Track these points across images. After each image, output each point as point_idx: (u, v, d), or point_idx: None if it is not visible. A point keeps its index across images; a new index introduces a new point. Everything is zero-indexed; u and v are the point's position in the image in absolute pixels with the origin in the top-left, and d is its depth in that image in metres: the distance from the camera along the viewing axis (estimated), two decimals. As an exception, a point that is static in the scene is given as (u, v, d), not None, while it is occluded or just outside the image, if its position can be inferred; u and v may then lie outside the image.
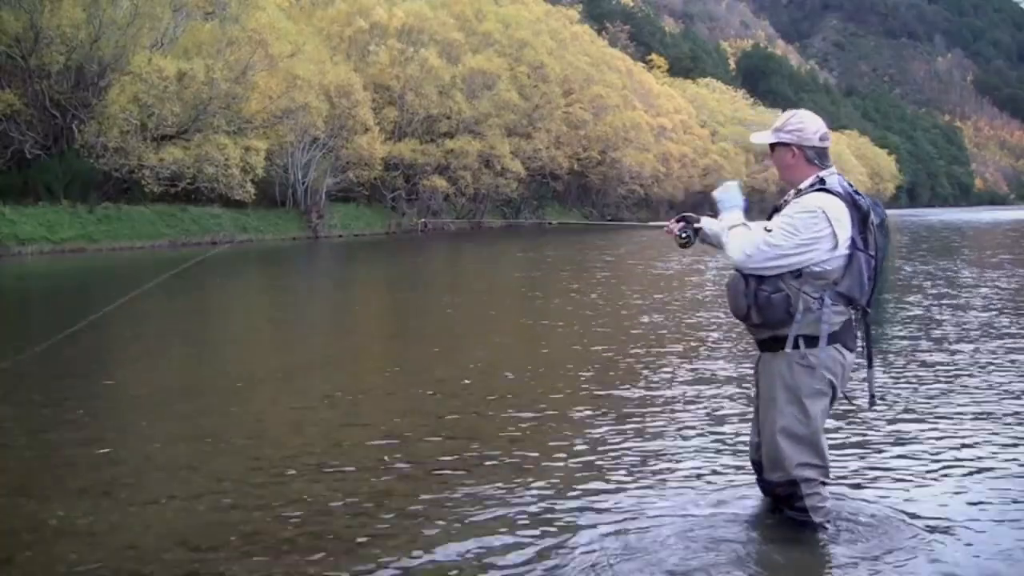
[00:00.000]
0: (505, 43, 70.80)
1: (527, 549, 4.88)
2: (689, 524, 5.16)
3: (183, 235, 42.75)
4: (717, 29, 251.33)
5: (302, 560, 4.81)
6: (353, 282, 26.05)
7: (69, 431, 7.67)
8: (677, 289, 19.53)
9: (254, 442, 7.32)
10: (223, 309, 19.39)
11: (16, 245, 34.59)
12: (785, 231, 4.77)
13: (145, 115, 39.91)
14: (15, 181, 38.15)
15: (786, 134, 5.07)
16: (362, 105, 53.24)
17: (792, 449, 4.88)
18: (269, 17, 47.67)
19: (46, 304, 19.87)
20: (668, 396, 8.66)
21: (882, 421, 7.25)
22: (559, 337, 13.18)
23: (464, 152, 61.51)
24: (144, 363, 11.87)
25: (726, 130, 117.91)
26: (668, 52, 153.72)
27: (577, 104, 78.87)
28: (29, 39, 37.91)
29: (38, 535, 5.22)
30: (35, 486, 6.18)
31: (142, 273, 27.42)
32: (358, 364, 11.60)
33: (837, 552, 4.72)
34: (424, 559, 4.80)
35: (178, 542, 5.06)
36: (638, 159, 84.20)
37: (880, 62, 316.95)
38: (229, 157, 42.42)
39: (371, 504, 5.67)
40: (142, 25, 41.66)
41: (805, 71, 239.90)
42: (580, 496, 5.72)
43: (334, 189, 53.86)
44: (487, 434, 7.33)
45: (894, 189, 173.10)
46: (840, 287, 4.82)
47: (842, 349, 4.89)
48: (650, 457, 6.60)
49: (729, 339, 11.89)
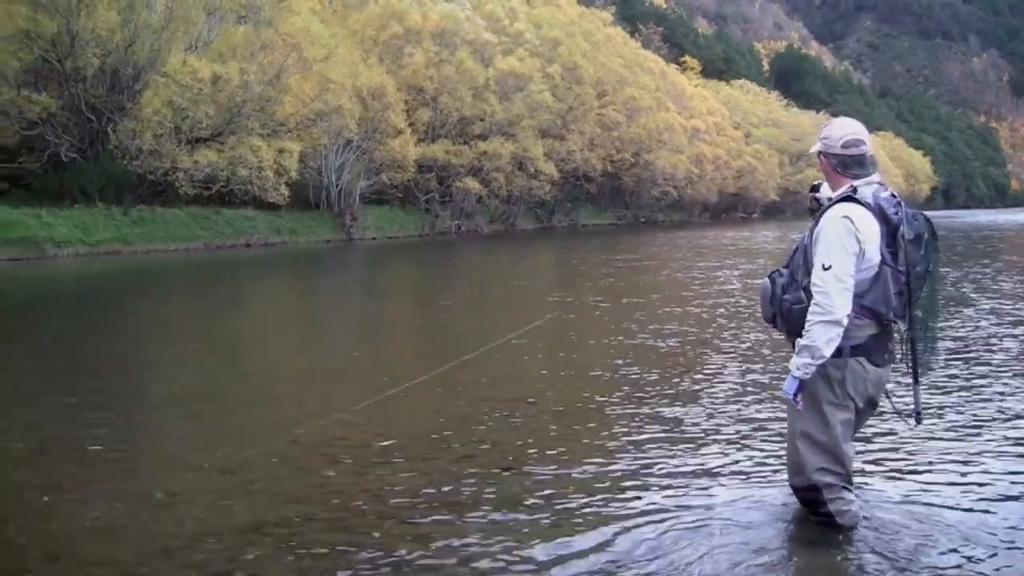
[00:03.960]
0: (537, 43, 70.68)
1: (557, 547, 4.92)
2: (719, 524, 5.18)
3: (217, 237, 42.84)
4: (750, 30, 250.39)
5: (335, 559, 4.84)
6: (387, 283, 25.97)
7: (102, 432, 7.71)
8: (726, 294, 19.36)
9: (286, 443, 7.30)
10: (254, 310, 19.37)
11: (52, 247, 34.70)
12: (839, 254, 4.68)
13: (179, 118, 39.95)
14: (51, 184, 38.33)
15: (819, 142, 5.04)
16: (394, 107, 53.20)
17: (811, 454, 4.90)
18: (303, 21, 47.74)
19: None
20: (703, 392, 8.58)
21: (921, 431, 7.07)
22: (590, 329, 13.09)
23: (497, 154, 61.36)
24: (175, 364, 11.84)
25: (760, 132, 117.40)
26: (701, 54, 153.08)
27: (610, 106, 78.58)
28: (65, 43, 38.02)
29: (73, 536, 5.26)
30: (71, 486, 6.21)
31: (218, 273, 27.52)
32: (391, 367, 11.48)
33: (866, 557, 4.71)
34: (459, 557, 4.84)
35: (210, 541, 5.11)
36: (672, 161, 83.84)
37: (915, 63, 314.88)
38: (263, 159, 42.45)
39: (403, 503, 5.69)
40: (176, 28, 41.73)
41: (839, 72, 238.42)
42: (610, 494, 5.78)
43: (367, 191, 53.80)
44: (520, 436, 7.31)
45: (929, 191, 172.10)
46: (865, 300, 4.75)
47: (865, 363, 4.84)
48: (681, 454, 6.64)
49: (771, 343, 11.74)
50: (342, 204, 51.67)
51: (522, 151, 63.52)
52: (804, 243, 4.95)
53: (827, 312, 4.64)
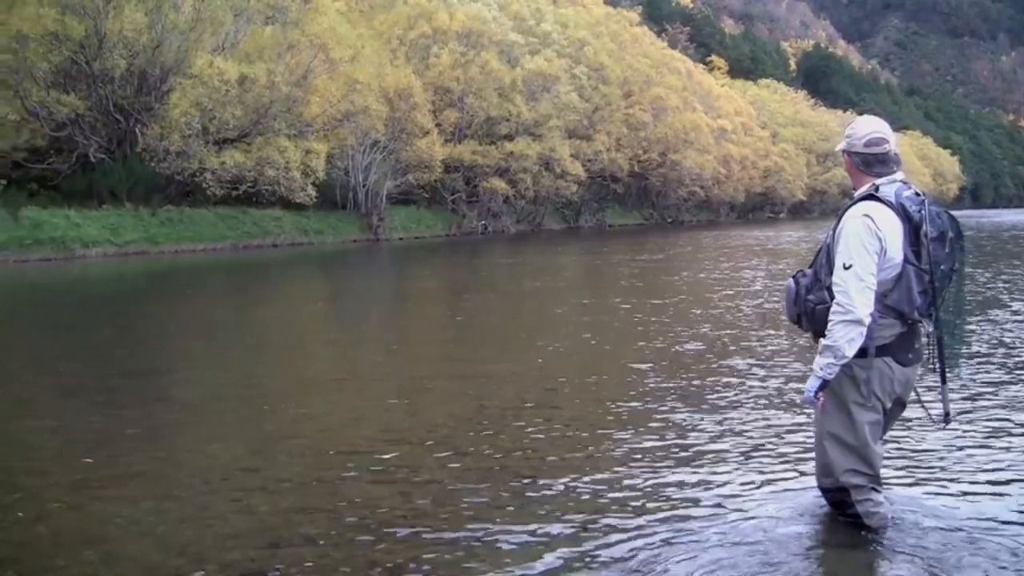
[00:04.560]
0: (564, 44, 70.62)
1: (582, 546, 4.94)
2: (748, 525, 5.17)
3: (244, 237, 43.01)
4: (777, 30, 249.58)
5: (363, 561, 4.83)
6: (419, 283, 25.95)
7: (130, 432, 7.74)
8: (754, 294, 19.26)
9: (314, 443, 7.32)
10: (281, 310, 19.36)
11: (81, 247, 34.93)
12: (860, 253, 4.64)
13: (207, 119, 40.09)
14: (80, 185, 38.60)
15: (843, 140, 5.02)
16: (421, 108, 53.22)
17: (839, 455, 4.88)
18: (330, 21, 47.77)
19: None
20: (734, 393, 8.51)
21: (951, 434, 6.98)
22: (618, 332, 13.04)
23: (524, 154, 61.24)
24: (203, 364, 11.84)
25: (787, 131, 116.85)
26: (728, 53, 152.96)
27: (637, 106, 78.37)
28: (93, 44, 38.26)
29: (105, 535, 5.30)
30: (99, 486, 6.20)
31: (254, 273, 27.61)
32: (420, 367, 11.46)
33: (893, 560, 4.67)
34: (485, 557, 4.84)
35: (238, 542, 5.13)
36: (698, 161, 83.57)
37: (942, 61, 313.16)
38: (290, 160, 42.50)
39: (432, 504, 5.70)
40: (204, 30, 41.94)
41: (866, 71, 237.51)
42: (637, 493, 5.81)
43: (394, 191, 53.80)
44: (548, 435, 7.31)
45: (957, 190, 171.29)
46: (888, 300, 4.73)
47: (891, 363, 4.81)
48: (708, 454, 6.64)
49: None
50: (369, 204, 51.71)
51: (549, 151, 63.39)
52: (827, 243, 4.94)
53: (848, 312, 4.61)
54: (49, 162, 39.01)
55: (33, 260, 32.64)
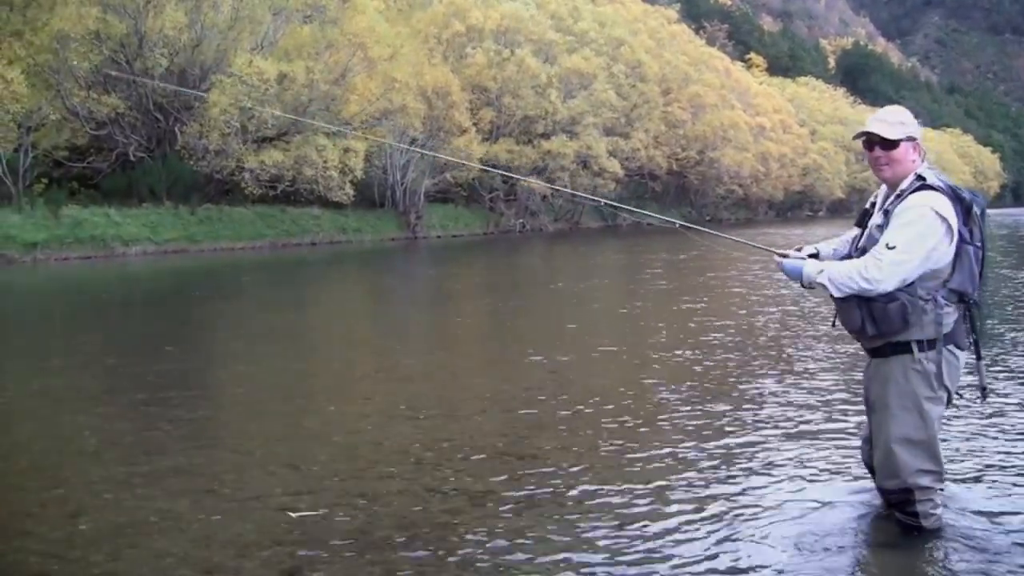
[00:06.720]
0: (602, 42, 70.47)
1: (627, 548, 4.87)
2: (795, 523, 5.14)
3: (283, 236, 43.13)
4: (816, 27, 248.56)
5: (400, 559, 4.81)
6: (460, 283, 25.88)
7: (171, 429, 7.75)
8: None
9: (353, 441, 7.29)
10: (324, 309, 19.35)
11: (121, 246, 35.16)
12: (910, 242, 4.54)
13: (245, 117, 40.21)
14: (120, 183, 38.90)
15: (897, 126, 4.89)
16: (458, 106, 53.18)
17: (909, 456, 4.76)
18: (368, 20, 47.77)
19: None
20: (777, 394, 8.52)
21: (999, 435, 6.88)
22: (662, 330, 12.95)
23: (561, 153, 61.06)
24: (242, 362, 11.79)
25: (826, 129, 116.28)
26: (767, 51, 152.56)
27: (675, 103, 78.23)
28: (133, 44, 38.54)
29: (141, 530, 5.31)
30: (138, 483, 6.18)
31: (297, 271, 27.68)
32: (460, 365, 11.42)
33: (943, 562, 4.60)
34: (522, 556, 4.80)
35: (277, 539, 5.13)
36: (737, 159, 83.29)
37: (983, 59, 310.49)
38: (328, 159, 42.60)
39: (468, 503, 5.66)
40: (243, 28, 42.16)
41: (906, 69, 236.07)
42: (684, 493, 5.75)
43: (432, 190, 53.87)
44: (590, 435, 7.23)
45: (998, 188, 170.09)
46: (952, 283, 4.64)
47: (955, 350, 4.73)
48: (756, 452, 6.59)
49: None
50: (407, 203, 51.75)
51: (586, 149, 63.21)
52: (872, 234, 4.84)
53: (870, 281, 4.57)
54: (89, 161, 39.40)
55: (74, 258, 32.89)
